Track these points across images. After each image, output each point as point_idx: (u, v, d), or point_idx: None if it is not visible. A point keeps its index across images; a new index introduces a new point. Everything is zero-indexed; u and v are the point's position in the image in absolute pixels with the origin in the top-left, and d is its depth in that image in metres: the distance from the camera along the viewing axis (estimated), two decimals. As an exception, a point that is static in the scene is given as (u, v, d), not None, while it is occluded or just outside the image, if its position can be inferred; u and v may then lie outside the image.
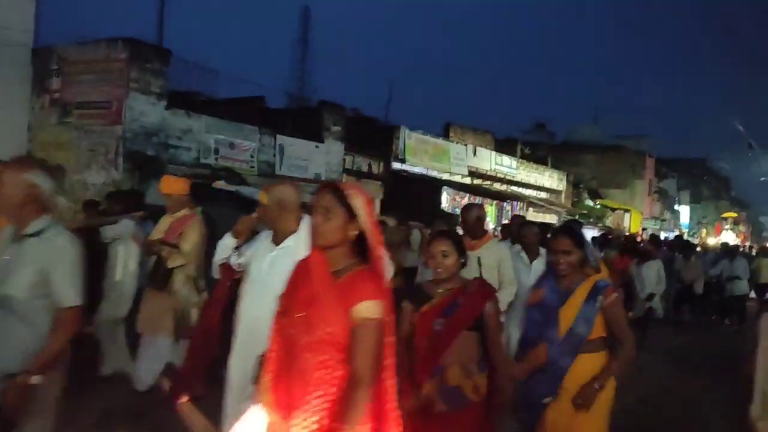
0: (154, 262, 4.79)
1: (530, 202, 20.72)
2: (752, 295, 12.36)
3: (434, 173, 17.28)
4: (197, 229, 4.73)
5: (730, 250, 13.06)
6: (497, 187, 20.24)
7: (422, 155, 17.05)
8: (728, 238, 30.84)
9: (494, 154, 20.82)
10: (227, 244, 3.35)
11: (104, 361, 5.18)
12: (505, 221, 13.14)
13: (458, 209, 6.64)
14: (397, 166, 16.12)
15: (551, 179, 24.56)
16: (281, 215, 3.08)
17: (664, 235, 25.61)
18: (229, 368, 3.09)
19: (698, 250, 15.97)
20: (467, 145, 19.31)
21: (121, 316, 5.15)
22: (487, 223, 16.00)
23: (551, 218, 20.10)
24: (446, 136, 19.17)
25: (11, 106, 10.79)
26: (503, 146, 23.11)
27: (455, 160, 18.39)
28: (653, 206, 34.95)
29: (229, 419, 2.81)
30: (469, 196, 16.93)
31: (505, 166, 21.16)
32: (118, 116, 10.15)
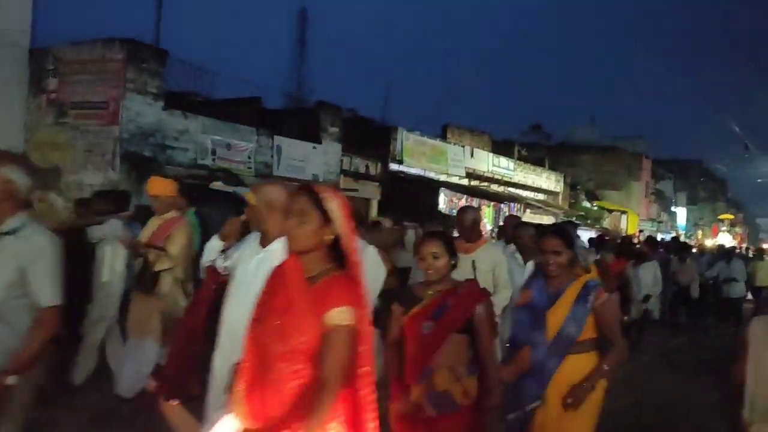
0: (141, 264, 4.71)
1: (527, 203, 20.75)
2: (749, 297, 12.37)
3: (432, 174, 17.28)
4: (185, 231, 4.66)
5: (726, 252, 13.08)
6: (494, 188, 20.27)
7: (420, 156, 17.05)
8: (725, 240, 30.97)
9: (491, 155, 20.86)
10: (214, 246, 3.29)
11: (76, 368, 4.98)
12: (501, 223, 13.14)
13: (455, 210, 6.62)
14: (394, 167, 16.11)
15: (548, 181, 24.60)
16: (269, 216, 2.99)
17: (660, 236, 25.65)
18: (212, 370, 3.02)
19: (694, 251, 15.98)
20: (464, 146, 19.32)
21: (109, 316, 5.03)
22: (484, 224, 16.02)
23: (548, 219, 20.10)
24: (444, 137, 19.17)
25: (8, 106, 10.76)
26: (500, 148, 23.12)
27: (452, 161, 18.40)
28: (650, 208, 35.00)
29: (209, 422, 2.78)
30: (466, 197, 16.94)
31: (502, 167, 21.19)
32: (114, 117, 10.14)
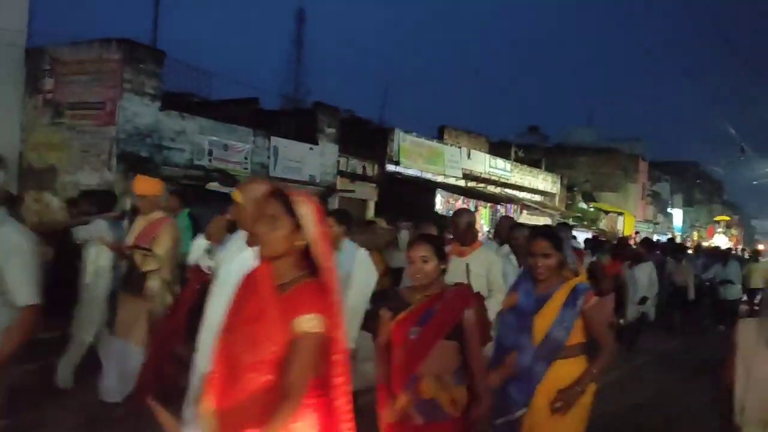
0: (127, 265, 4.65)
1: (524, 204, 20.78)
2: (745, 298, 12.41)
3: (428, 176, 17.28)
4: (171, 232, 4.57)
5: (723, 254, 13.08)
6: (491, 189, 20.29)
7: (416, 157, 17.06)
8: (721, 241, 31.03)
9: (488, 156, 20.89)
10: (200, 245, 3.25)
11: (61, 369, 4.92)
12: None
13: (452, 212, 6.59)
14: (391, 168, 16.11)
15: (545, 182, 24.64)
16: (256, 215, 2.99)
17: (657, 238, 25.70)
18: (192, 369, 2.99)
19: (690, 252, 16.01)
20: (461, 147, 19.34)
21: (96, 318, 4.93)
22: (480, 225, 16.04)
23: (545, 221, 20.14)
24: (440, 138, 19.19)
25: (4, 106, 10.74)
26: (497, 149, 23.16)
27: (449, 162, 18.41)
28: (646, 209, 35.05)
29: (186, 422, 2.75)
30: (463, 198, 16.96)
31: (499, 168, 21.22)
32: (111, 117, 10.13)
